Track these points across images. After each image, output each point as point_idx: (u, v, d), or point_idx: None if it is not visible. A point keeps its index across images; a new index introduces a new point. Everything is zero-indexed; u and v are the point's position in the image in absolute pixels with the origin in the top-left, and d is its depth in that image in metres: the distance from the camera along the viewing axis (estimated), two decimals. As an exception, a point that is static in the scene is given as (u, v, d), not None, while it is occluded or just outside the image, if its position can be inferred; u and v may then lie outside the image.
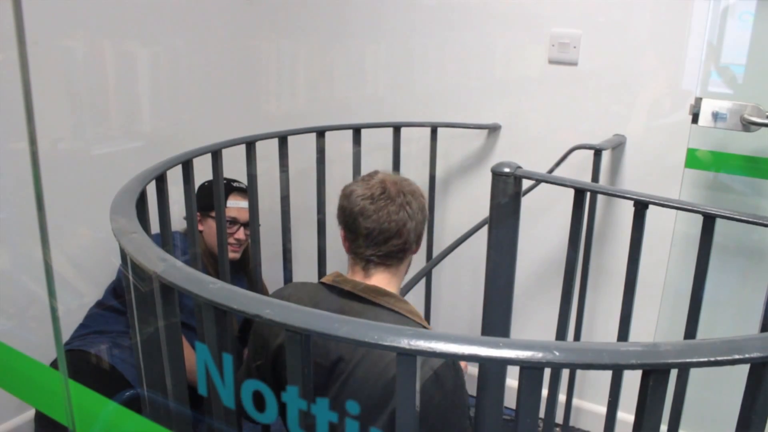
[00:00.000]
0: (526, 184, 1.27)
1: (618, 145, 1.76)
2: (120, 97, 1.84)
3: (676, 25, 1.65)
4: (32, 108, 0.75)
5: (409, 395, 0.59)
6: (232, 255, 1.80)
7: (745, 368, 0.59)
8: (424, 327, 1.25)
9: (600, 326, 1.89)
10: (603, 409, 1.44)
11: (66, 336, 1.66)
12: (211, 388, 0.68)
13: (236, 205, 1.85)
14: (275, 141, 1.65)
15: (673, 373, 0.67)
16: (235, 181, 1.89)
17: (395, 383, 1.06)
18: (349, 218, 1.22)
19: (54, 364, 1.50)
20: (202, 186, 1.82)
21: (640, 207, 1.24)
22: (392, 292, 1.22)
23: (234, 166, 1.64)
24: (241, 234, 1.85)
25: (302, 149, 1.77)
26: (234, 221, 1.85)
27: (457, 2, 1.92)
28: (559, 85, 1.81)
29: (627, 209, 1.42)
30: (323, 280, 1.26)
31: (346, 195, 1.24)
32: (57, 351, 0.81)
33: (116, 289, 1.73)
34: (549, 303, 1.77)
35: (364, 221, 1.19)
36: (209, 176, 1.54)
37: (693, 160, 1.69)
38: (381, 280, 1.23)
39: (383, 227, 1.19)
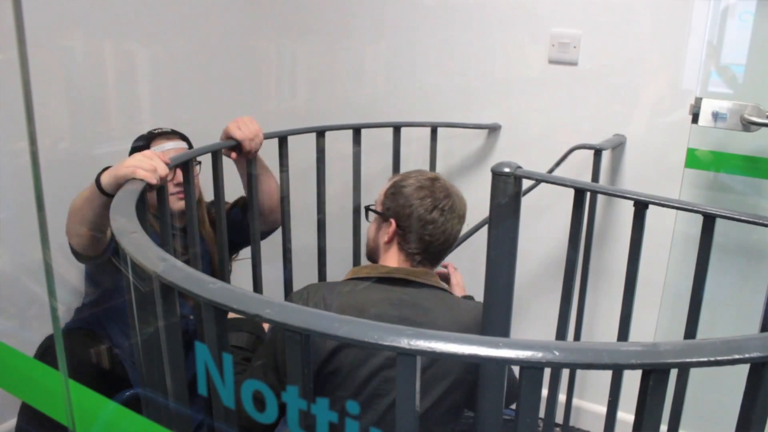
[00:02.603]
0: (526, 184, 1.27)
1: (618, 145, 1.76)
2: (120, 97, 1.84)
3: (676, 25, 1.65)
4: (32, 108, 0.75)
5: (409, 395, 0.59)
6: (179, 203, 1.58)
7: (745, 368, 0.59)
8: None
9: (600, 326, 1.89)
10: (603, 409, 1.44)
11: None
12: (211, 388, 0.68)
13: (162, 149, 1.61)
14: (275, 141, 1.65)
15: (673, 373, 0.67)
16: (157, 129, 1.67)
17: (470, 329, 1.18)
18: (416, 223, 1.27)
19: (40, 356, 1.49)
20: (132, 146, 1.64)
21: (640, 207, 1.24)
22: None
23: (234, 166, 1.64)
24: (180, 177, 1.58)
25: (302, 149, 1.77)
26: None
27: (458, 2, 1.92)
28: (559, 85, 1.81)
29: (627, 209, 1.42)
30: (359, 275, 1.29)
31: (415, 197, 1.29)
32: (57, 351, 0.81)
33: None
34: (549, 303, 1.77)
35: (431, 230, 1.28)
36: (209, 176, 1.54)
37: (693, 160, 1.69)
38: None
39: (445, 237, 1.29)
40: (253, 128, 1.54)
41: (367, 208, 1.37)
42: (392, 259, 1.31)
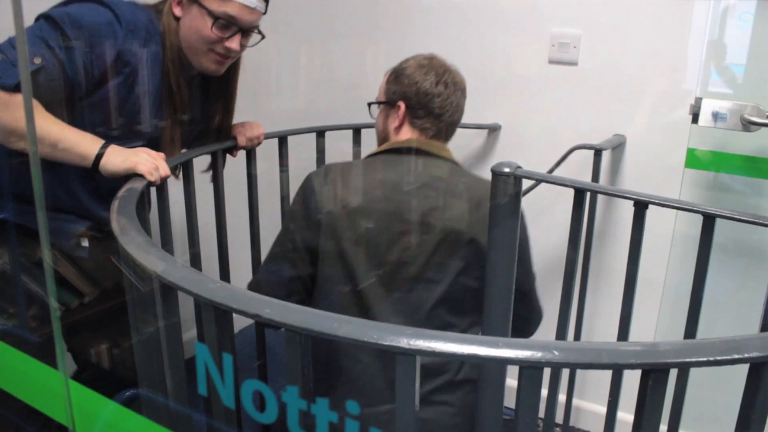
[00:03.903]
0: (526, 184, 1.27)
1: (618, 145, 1.76)
2: (120, 97, 1.83)
3: (676, 25, 1.65)
4: (32, 108, 0.75)
5: (409, 395, 0.59)
6: (215, 66, 1.34)
7: (745, 368, 0.59)
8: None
9: (600, 326, 1.89)
10: (603, 409, 1.44)
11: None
12: (211, 388, 0.68)
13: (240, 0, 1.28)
14: (275, 141, 1.65)
15: (673, 373, 0.67)
16: None
17: (483, 204, 1.21)
18: (423, 98, 1.31)
19: None
20: None
21: (640, 207, 1.24)
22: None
23: (234, 166, 1.64)
24: (235, 43, 1.31)
25: (302, 149, 1.77)
26: (230, 22, 1.29)
27: (458, 2, 1.92)
28: (559, 85, 1.81)
29: (627, 209, 1.42)
30: (375, 152, 1.33)
31: (419, 74, 1.33)
32: (57, 351, 0.81)
33: None
34: (549, 303, 1.77)
35: (439, 102, 1.31)
36: (209, 176, 1.54)
37: (693, 160, 1.69)
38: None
39: (453, 109, 1.33)
40: (257, 131, 1.55)
41: (370, 104, 1.40)
42: (405, 136, 1.34)
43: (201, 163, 1.52)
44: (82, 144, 1.16)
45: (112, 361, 1.48)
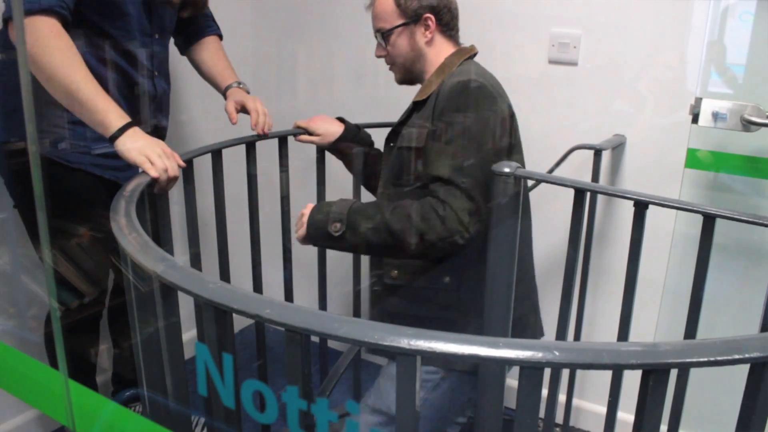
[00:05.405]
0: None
1: (618, 145, 1.76)
2: (120, 97, 1.83)
3: (676, 25, 1.65)
4: (32, 108, 0.75)
5: (410, 395, 0.59)
6: None
7: (745, 368, 0.59)
8: None
9: (600, 326, 1.89)
10: (603, 409, 1.44)
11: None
12: (211, 388, 0.68)
13: None
14: (275, 141, 1.66)
15: (673, 373, 0.67)
16: None
17: None
18: (447, 1, 1.36)
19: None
20: None
21: (640, 207, 1.24)
22: None
23: (234, 166, 1.64)
24: None
25: (302, 149, 1.77)
26: None
27: (457, 2, 1.92)
28: (559, 85, 1.81)
29: (627, 209, 1.42)
30: (463, 57, 1.36)
31: None
32: (57, 351, 0.81)
33: None
34: (549, 303, 1.77)
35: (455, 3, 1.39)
36: (209, 176, 1.55)
37: (693, 160, 1.69)
38: None
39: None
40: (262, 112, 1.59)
41: (383, 33, 1.36)
42: (445, 50, 1.36)
43: (204, 160, 1.52)
44: (108, 114, 1.17)
45: None
